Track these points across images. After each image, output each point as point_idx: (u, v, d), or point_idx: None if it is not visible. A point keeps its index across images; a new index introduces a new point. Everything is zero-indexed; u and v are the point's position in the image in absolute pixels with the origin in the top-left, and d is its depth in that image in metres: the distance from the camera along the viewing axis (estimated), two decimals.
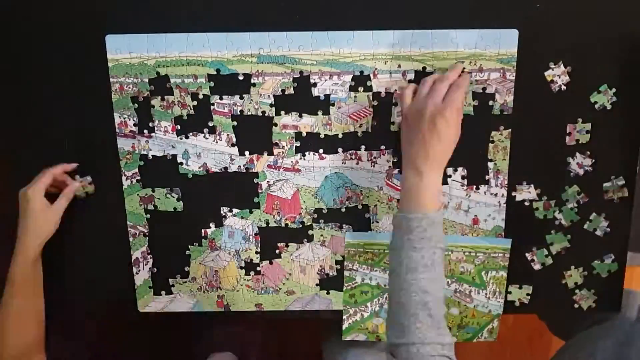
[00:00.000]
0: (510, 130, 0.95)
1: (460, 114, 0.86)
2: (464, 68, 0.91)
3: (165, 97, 0.95)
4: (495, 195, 0.98)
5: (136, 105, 0.95)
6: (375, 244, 1.01)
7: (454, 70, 0.89)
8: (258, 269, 1.02)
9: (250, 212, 1.00)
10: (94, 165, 0.97)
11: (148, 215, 1.00)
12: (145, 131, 0.96)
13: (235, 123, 0.96)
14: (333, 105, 0.94)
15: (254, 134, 0.96)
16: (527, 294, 1.03)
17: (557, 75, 0.92)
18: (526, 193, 0.98)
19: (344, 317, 1.05)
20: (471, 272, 1.02)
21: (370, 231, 1.00)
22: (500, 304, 1.03)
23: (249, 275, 1.02)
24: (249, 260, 1.02)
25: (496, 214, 0.99)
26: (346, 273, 1.02)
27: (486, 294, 1.03)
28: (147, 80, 0.94)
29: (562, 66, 0.92)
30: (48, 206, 0.94)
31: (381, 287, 1.03)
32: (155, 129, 0.96)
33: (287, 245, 1.02)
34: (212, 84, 0.94)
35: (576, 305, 1.03)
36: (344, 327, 1.05)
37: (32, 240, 0.93)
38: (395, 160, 0.97)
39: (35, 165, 0.97)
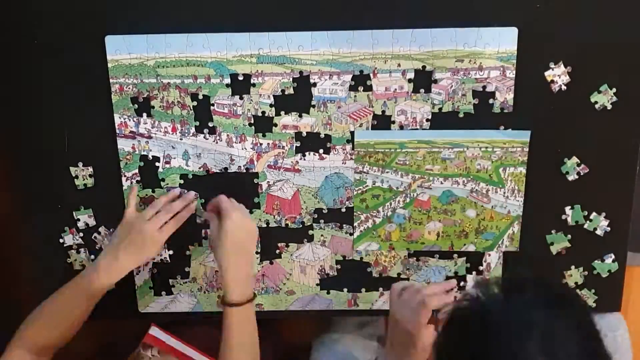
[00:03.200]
0: (510, 129, 0.95)
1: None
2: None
3: (165, 97, 0.95)
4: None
5: (136, 105, 0.95)
6: (387, 143, 0.94)
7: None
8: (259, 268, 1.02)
9: (251, 212, 1.00)
10: (94, 165, 0.97)
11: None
12: (145, 132, 0.96)
13: (235, 123, 0.96)
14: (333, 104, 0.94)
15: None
16: None
17: (557, 75, 0.92)
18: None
19: (355, 224, 0.99)
20: (488, 169, 0.95)
21: (381, 130, 0.95)
22: (519, 203, 0.96)
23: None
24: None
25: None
26: (356, 176, 0.96)
27: (504, 192, 0.96)
28: (147, 81, 0.94)
29: (562, 66, 0.92)
30: (159, 232, 0.91)
31: (393, 189, 0.97)
32: (155, 129, 0.96)
33: (287, 246, 1.02)
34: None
35: None
36: (355, 236, 0.99)
37: (131, 263, 0.91)
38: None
39: (35, 165, 0.97)
